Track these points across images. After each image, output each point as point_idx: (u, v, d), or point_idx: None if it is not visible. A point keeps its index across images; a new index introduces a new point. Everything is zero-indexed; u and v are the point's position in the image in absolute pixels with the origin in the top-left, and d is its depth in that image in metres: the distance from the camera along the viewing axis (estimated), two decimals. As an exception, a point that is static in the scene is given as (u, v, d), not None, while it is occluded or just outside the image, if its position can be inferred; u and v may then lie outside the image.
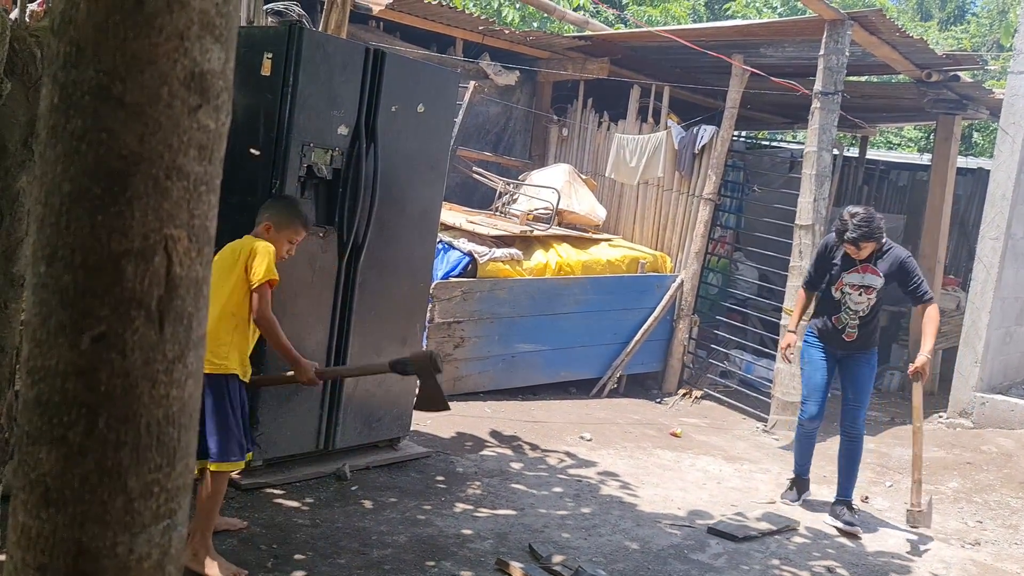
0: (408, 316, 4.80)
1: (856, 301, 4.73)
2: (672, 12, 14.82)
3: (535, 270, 6.81)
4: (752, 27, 7.53)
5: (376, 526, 3.90)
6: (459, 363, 6.30)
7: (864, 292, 4.72)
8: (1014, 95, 7.50)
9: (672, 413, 7.09)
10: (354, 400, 4.56)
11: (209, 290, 1.20)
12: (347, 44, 4.54)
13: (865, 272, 4.71)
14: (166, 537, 1.16)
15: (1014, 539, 4.94)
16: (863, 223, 4.54)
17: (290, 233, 3.44)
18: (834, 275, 4.76)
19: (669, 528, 4.39)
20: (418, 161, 4.67)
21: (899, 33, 6.94)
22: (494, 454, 5.23)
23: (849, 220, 4.58)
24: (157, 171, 1.08)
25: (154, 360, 1.11)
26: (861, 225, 4.54)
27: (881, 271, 4.71)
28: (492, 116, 8.81)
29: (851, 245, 4.61)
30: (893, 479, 5.84)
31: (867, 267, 4.70)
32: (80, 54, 1.06)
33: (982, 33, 20.91)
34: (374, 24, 7.58)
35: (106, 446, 1.10)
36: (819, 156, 6.71)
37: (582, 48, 8.52)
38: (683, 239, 7.85)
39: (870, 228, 4.55)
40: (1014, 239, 7.83)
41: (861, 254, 4.65)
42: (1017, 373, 8.85)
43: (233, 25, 1.15)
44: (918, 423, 4.75)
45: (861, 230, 4.54)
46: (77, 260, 1.08)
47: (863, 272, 4.71)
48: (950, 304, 9.44)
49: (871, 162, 12.26)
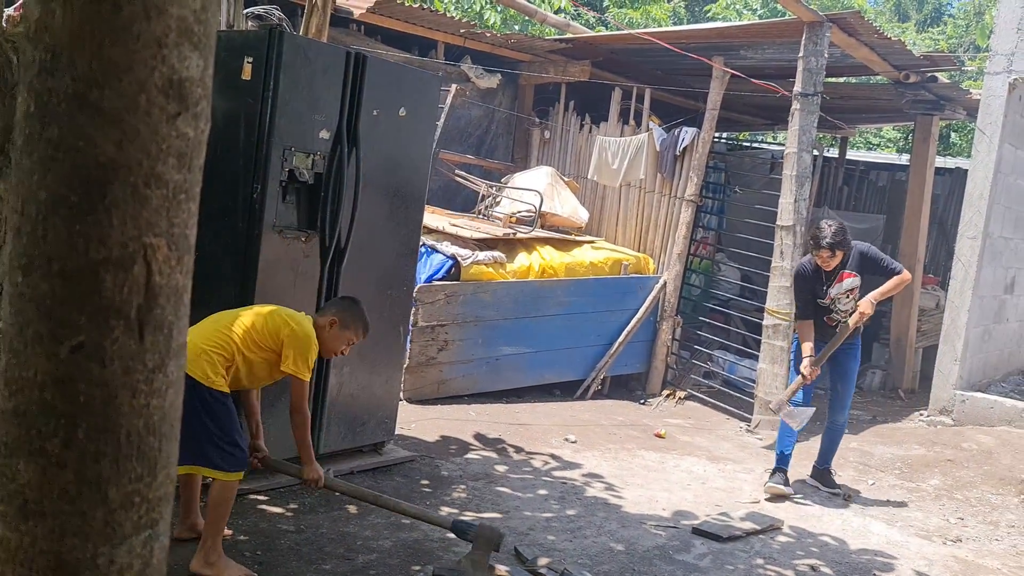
0: (392, 320, 4.79)
1: (844, 303, 5.15)
2: (652, 14, 14.88)
3: (518, 272, 6.81)
4: (732, 29, 7.57)
5: (361, 531, 3.89)
6: (443, 366, 6.30)
7: (849, 294, 5.14)
8: (991, 96, 7.58)
9: (656, 414, 7.11)
10: (338, 405, 4.54)
11: (189, 298, 1.19)
12: (328, 48, 4.52)
13: (843, 279, 5.13)
14: (148, 548, 1.14)
15: (995, 535, 4.98)
16: (838, 233, 5.01)
17: (351, 334, 3.56)
18: (821, 295, 5.15)
19: (654, 529, 4.40)
20: (400, 165, 4.66)
21: (877, 35, 7.00)
22: (479, 457, 5.22)
23: (827, 230, 5.03)
24: (136, 179, 1.07)
25: (134, 369, 1.10)
26: (836, 235, 5.00)
27: (854, 271, 5.13)
28: (474, 119, 8.81)
29: (826, 251, 5.00)
30: (875, 477, 5.88)
31: (843, 274, 5.12)
32: (56, 61, 1.05)
33: (959, 34, 21.13)
34: (355, 28, 7.56)
35: (85, 457, 1.09)
36: (799, 157, 6.75)
37: (563, 51, 8.54)
38: (665, 240, 7.88)
39: (844, 238, 5.02)
40: (992, 238, 7.91)
41: (831, 263, 5.06)
42: (996, 371, 8.94)
43: (212, 32, 1.14)
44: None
45: (836, 238, 4.99)
46: (54, 269, 1.07)
47: (842, 280, 5.13)
48: (930, 303, 9.53)
49: (851, 163, 12.35)
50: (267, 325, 3.38)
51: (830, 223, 5.11)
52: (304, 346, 3.38)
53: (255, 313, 3.43)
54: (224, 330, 3.35)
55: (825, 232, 5.01)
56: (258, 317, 3.40)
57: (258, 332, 3.36)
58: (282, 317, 3.43)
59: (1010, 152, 7.93)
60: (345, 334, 3.54)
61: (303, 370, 3.38)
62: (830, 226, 5.05)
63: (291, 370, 3.36)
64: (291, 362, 3.36)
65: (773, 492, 5.13)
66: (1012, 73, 7.45)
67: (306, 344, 3.39)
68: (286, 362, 3.36)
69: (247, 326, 3.36)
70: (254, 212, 4.04)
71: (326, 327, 3.50)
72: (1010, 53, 7.46)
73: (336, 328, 3.52)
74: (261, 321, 3.38)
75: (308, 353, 3.39)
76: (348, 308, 3.61)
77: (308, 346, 3.39)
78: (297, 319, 3.44)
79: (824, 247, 4.98)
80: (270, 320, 3.39)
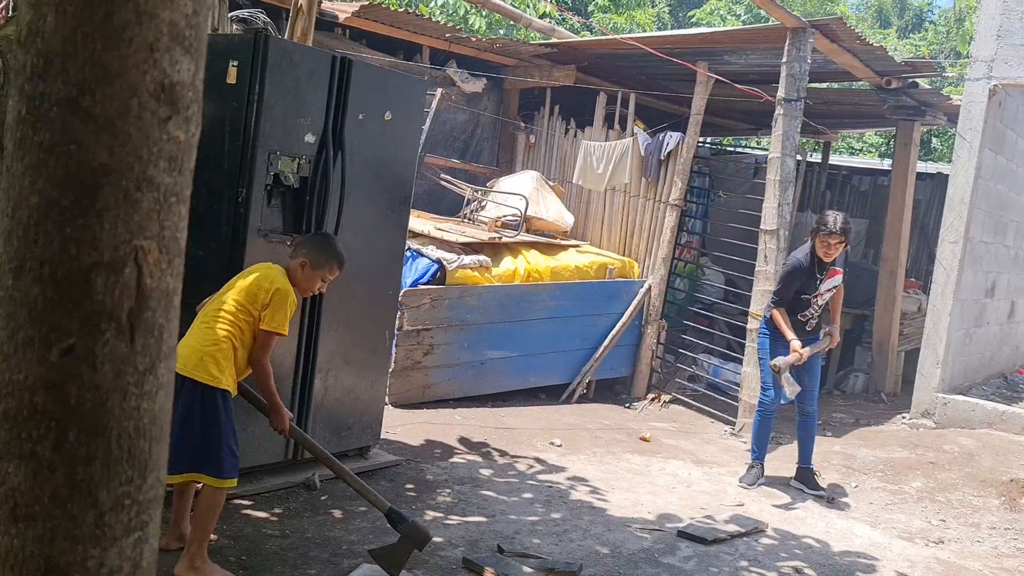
0: (377, 324, 4.79)
1: (823, 299, 5.41)
2: (637, 20, 14.95)
3: (504, 277, 6.82)
4: (716, 35, 7.62)
5: (346, 535, 3.88)
6: (428, 370, 6.29)
7: (829, 291, 5.40)
8: (971, 101, 7.66)
9: (641, 418, 7.13)
10: (323, 409, 4.53)
11: (179, 301, 1.19)
12: (313, 52, 4.52)
13: (832, 276, 5.35)
14: (137, 550, 1.14)
15: (976, 537, 5.03)
16: (846, 222, 5.26)
17: (325, 272, 3.51)
18: (811, 289, 5.34)
19: (639, 532, 4.41)
20: (386, 169, 4.66)
21: (859, 40, 7.06)
22: (464, 461, 5.23)
23: (836, 217, 5.27)
24: (127, 183, 1.08)
25: (125, 373, 1.11)
26: (846, 222, 5.27)
27: (840, 267, 5.41)
28: (459, 123, 8.82)
29: (837, 236, 5.20)
30: (859, 479, 5.92)
31: (833, 271, 5.32)
32: (48, 66, 1.05)
33: (940, 40, 21.34)
34: (340, 32, 7.56)
35: (76, 460, 1.09)
36: (783, 162, 6.80)
37: (548, 55, 8.57)
38: (650, 245, 7.91)
39: (848, 227, 5.27)
40: (972, 243, 7.98)
41: (832, 252, 5.26)
42: (977, 374, 9.03)
43: (203, 36, 1.14)
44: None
45: (847, 224, 5.25)
46: (46, 273, 1.07)
47: (831, 276, 5.35)
48: (912, 307, 9.60)
49: (834, 167, 12.44)
50: (249, 295, 3.33)
51: (836, 213, 5.32)
52: (281, 301, 3.33)
53: (236, 290, 3.36)
54: (215, 324, 3.31)
55: (835, 219, 5.22)
56: (240, 293, 3.34)
57: (243, 308, 3.32)
58: (258, 282, 3.36)
59: (990, 157, 8.01)
60: (319, 272, 3.48)
61: (282, 325, 3.35)
62: (838, 214, 5.27)
63: (270, 327, 3.31)
64: (267, 320, 3.31)
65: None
66: (992, 79, 7.54)
67: (283, 299, 3.34)
68: (265, 322, 3.31)
69: (233, 310, 3.31)
70: (239, 216, 4.03)
71: (298, 270, 3.46)
72: (990, 59, 7.55)
73: (308, 269, 3.46)
74: (244, 296, 3.33)
75: (286, 307, 3.35)
76: (318, 246, 3.56)
77: (284, 301, 3.34)
78: (271, 276, 3.38)
79: (836, 232, 5.17)
80: (250, 290, 3.34)
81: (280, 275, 3.42)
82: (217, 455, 3.27)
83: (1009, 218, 9.16)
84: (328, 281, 3.58)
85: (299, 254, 3.51)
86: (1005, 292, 9.56)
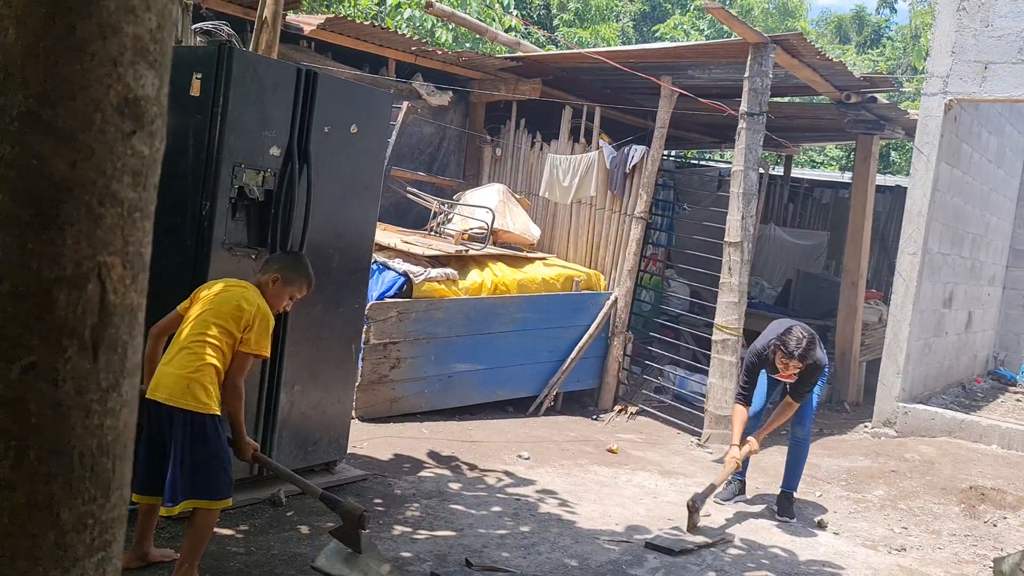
0: (343, 338, 4.76)
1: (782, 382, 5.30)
2: (602, 34, 15.08)
3: (470, 289, 6.82)
4: (680, 49, 7.71)
5: (313, 552, 3.84)
6: (395, 384, 6.27)
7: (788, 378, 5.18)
8: (927, 116, 7.82)
9: (608, 429, 7.15)
10: (289, 424, 4.49)
11: (144, 316, 1.18)
12: (278, 64, 4.50)
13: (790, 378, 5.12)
14: (100, 570, 1.13)
15: (937, 544, 5.11)
16: (809, 347, 4.91)
17: (294, 290, 3.51)
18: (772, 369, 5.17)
19: (607, 544, 4.42)
20: (352, 181, 4.65)
21: (819, 56, 7.19)
22: (432, 475, 5.20)
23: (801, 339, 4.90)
24: (90, 197, 1.07)
25: (87, 390, 1.09)
26: (808, 348, 4.90)
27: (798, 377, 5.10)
28: (426, 136, 8.82)
29: (792, 359, 4.91)
30: (823, 489, 5.99)
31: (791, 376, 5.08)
32: (7, 79, 1.04)
33: (897, 56, 21.78)
34: (305, 44, 7.54)
35: (36, 479, 1.07)
36: (746, 175, 6.89)
37: (514, 69, 8.61)
38: (616, 257, 7.96)
39: (812, 351, 4.93)
40: (931, 254, 8.14)
41: (789, 370, 4.99)
42: (936, 382, 9.19)
43: (167, 51, 1.14)
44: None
45: (801, 351, 4.88)
46: (5, 288, 1.06)
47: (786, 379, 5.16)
48: (872, 317, 9.75)
49: (796, 180, 12.64)
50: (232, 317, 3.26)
51: (803, 332, 4.95)
52: (265, 324, 3.31)
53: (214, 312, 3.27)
54: (198, 348, 3.22)
55: (798, 342, 4.89)
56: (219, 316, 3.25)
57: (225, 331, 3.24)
58: (238, 303, 3.29)
59: (947, 171, 8.18)
60: (287, 290, 3.48)
61: (266, 348, 3.33)
62: (800, 340, 4.89)
63: (255, 350, 3.28)
64: (253, 344, 3.27)
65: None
66: (947, 94, 7.71)
67: (266, 322, 3.32)
68: (248, 344, 3.26)
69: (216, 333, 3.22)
70: (203, 229, 3.99)
71: (268, 284, 3.44)
72: (945, 75, 7.72)
73: (278, 285, 3.45)
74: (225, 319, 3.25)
75: (269, 330, 3.34)
76: (290, 264, 3.55)
77: (268, 323, 3.33)
78: (250, 298, 3.32)
79: (795, 357, 4.89)
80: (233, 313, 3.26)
81: (258, 296, 3.39)
82: (214, 479, 3.25)
83: (966, 230, 9.35)
84: (295, 300, 3.57)
85: (270, 270, 3.48)
86: (962, 302, 9.75)
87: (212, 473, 3.25)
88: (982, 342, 11.27)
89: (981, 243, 10.16)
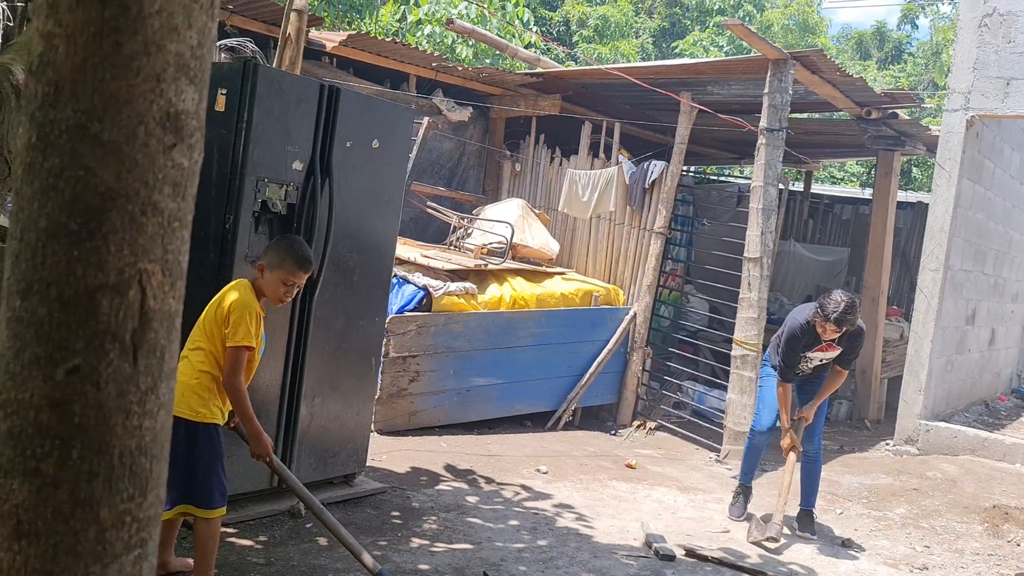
0: (363, 351, 4.80)
1: (812, 363, 5.22)
2: (621, 50, 15.15)
3: (490, 304, 6.85)
4: (699, 65, 7.74)
5: (331, 563, 3.87)
6: (414, 397, 6.30)
7: (822, 361, 5.20)
8: (949, 132, 7.80)
9: (627, 445, 7.15)
10: (309, 436, 4.53)
11: (180, 323, 1.22)
12: (301, 80, 4.58)
13: (828, 350, 5.09)
14: (137, 567, 1.17)
15: (960, 563, 5.06)
16: (847, 311, 4.79)
17: (282, 274, 3.32)
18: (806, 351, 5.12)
19: (625, 559, 4.42)
20: (373, 196, 4.70)
21: (839, 72, 7.20)
22: (450, 488, 5.22)
23: (837, 304, 4.80)
24: (133, 207, 1.11)
25: (128, 392, 1.13)
26: (846, 311, 4.78)
27: (841, 346, 5.07)
28: (446, 151, 8.89)
29: (829, 323, 4.81)
30: (843, 506, 5.95)
31: (830, 346, 5.05)
32: (58, 94, 1.09)
33: (918, 72, 21.70)
34: (328, 60, 7.64)
35: (79, 477, 1.11)
36: (765, 190, 6.90)
37: (534, 85, 8.67)
38: (635, 272, 7.97)
39: (852, 315, 4.82)
40: (952, 271, 8.09)
41: (828, 335, 4.91)
42: (959, 400, 9.11)
43: (207, 67, 1.19)
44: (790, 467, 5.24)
45: (845, 315, 4.78)
46: (52, 294, 1.10)
47: (826, 350, 5.09)
48: (894, 334, 9.70)
49: (815, 196, 12.61)
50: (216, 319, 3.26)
51: (843, 296, 4.84)
52: (241, 314, 3.21)
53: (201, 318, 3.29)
54: (191, 355, 3.28)
55: (836, 306, 4.78)
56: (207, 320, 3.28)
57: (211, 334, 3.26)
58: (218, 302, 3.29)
59: (968, 187, 8.15)
60: (276, 274, 3.31)
61: (247, 337, 3.21)
62: (841, 302, 4.79)
63: (235, 342, 3.19)
64: (232, 336, 3.20)
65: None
66: (969, 110, 7.69)
67: (241, 311, 3.22)
68: (229, 338, 3.21)
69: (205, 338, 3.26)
70: (227, 243, 4.06)
71: (258, 275, 3.36)
72: (967, 91, 7.70)
73: (266, 272, 3.32)
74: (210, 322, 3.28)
75: (247, 319, 3.21)
76: (272, 247, 3.42)
77: (244, 312, 3.22)
78: (228, 291, 3.30)
79: (831, 321, 4.79)
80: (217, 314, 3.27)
81: (240, 287, 3.32)
82: (205, 486, 3.27)
83: (988, 246, 9.30)
84: (293, 285, 3.38)
85: (260, 260, 3.43)
86: (985, 319, 9.68)
87: (198, 481, 3.24)
88: (1005, 360, 11.17)
89: (1004, 259, 10.10)
